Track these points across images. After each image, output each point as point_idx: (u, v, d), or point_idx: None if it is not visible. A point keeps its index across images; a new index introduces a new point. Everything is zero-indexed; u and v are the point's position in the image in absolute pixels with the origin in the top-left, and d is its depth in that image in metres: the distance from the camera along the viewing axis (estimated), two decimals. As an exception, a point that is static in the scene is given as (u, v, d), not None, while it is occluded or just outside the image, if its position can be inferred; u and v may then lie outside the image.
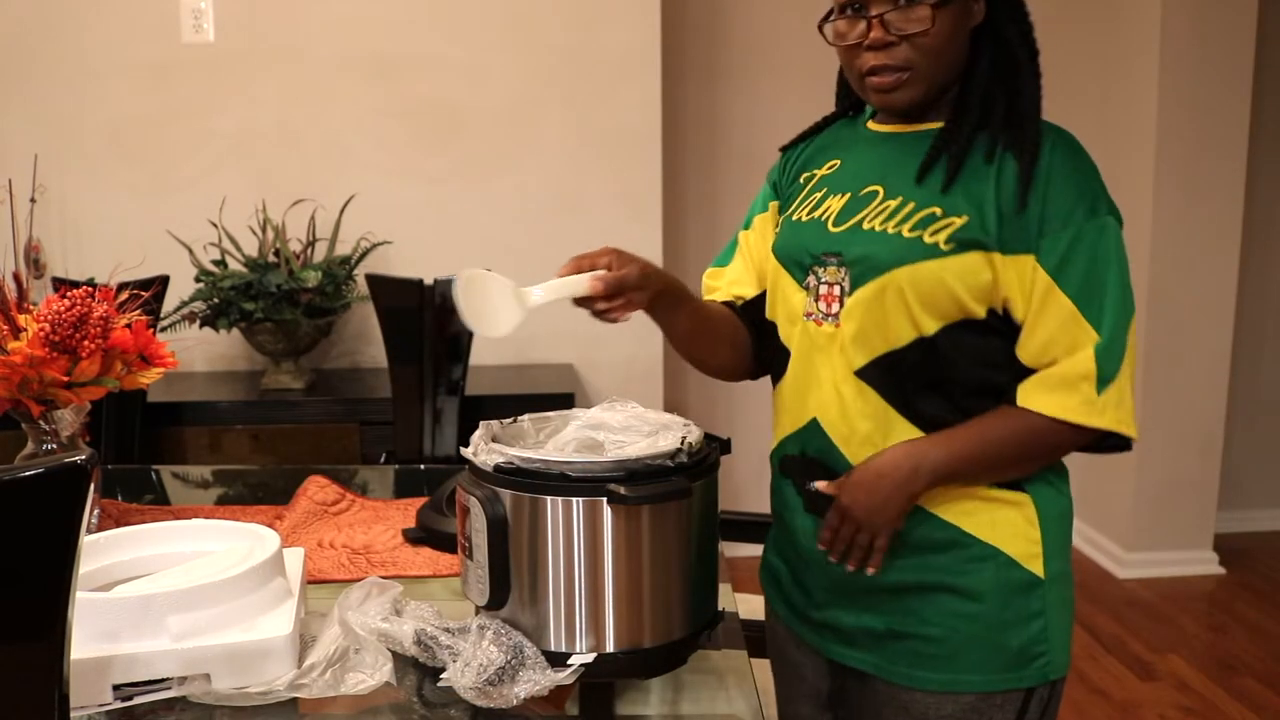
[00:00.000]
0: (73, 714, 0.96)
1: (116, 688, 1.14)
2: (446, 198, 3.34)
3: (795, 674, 1.45)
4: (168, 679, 1.16)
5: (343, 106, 3.29)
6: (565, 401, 2.92)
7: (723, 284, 1.48)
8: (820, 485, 1.30)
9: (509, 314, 1.21)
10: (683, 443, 1.18)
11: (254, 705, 1.16)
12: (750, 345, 1.45)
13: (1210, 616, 3.51)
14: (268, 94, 3.27)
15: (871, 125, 1.37)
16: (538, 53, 3.30)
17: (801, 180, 1.40)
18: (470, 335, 2.84)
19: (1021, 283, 1.21)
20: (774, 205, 1.45)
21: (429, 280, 2.82)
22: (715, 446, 1.25)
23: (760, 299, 1.43)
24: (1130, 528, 3.77)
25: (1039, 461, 1.28)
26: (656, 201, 3.35)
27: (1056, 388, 1.22)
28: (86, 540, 1.01)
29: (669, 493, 1.14)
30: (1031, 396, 1.23)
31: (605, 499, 1.13)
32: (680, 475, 1.16)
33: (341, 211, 3.19)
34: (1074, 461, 1.29)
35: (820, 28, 1.30)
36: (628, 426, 1.28)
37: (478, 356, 3.02)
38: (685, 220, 3.71)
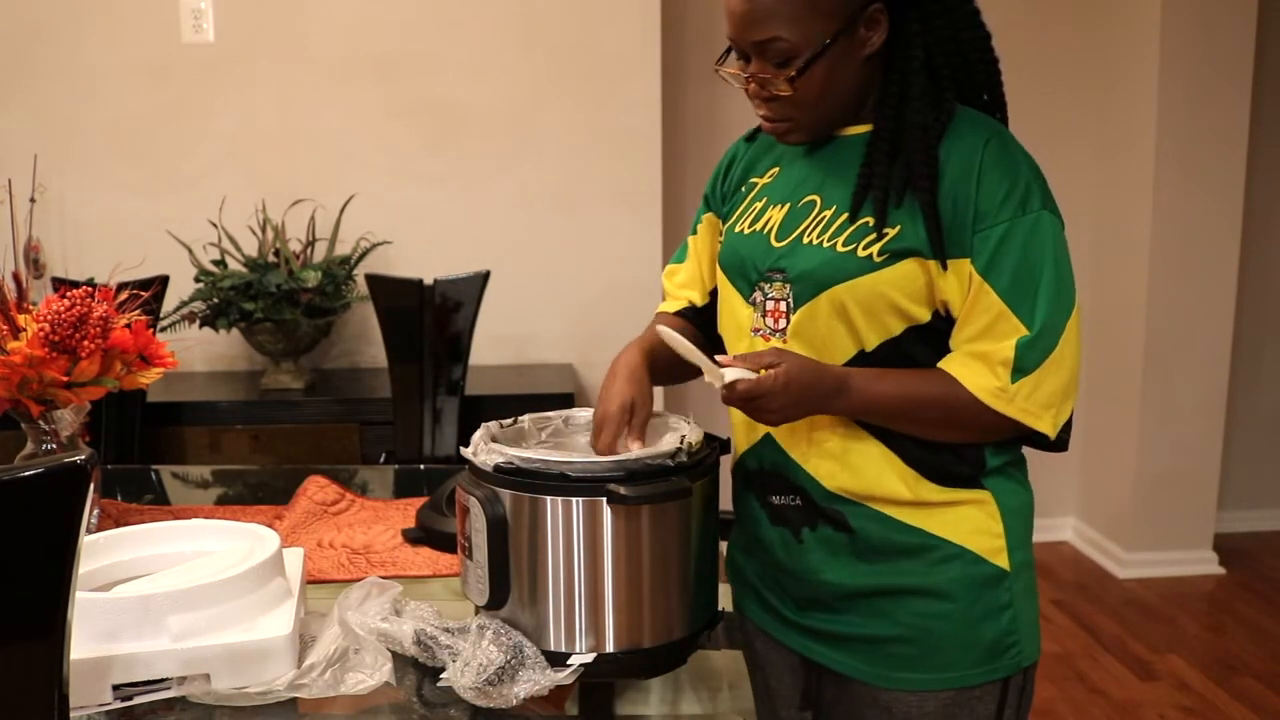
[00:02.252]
0: (73, 714, 0.96)
1: (116, 688, 1.14)
2: (446, 198, 3.34)
3: (769, 670, 1.44)
4: (167, 679, 1.16)
5: (343, 106, 3.29)
6: (565, 401, 2.92)
7: (674, 286, 1.50)
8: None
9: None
10: (682, 442, 1.18)
11: (254, 705, 1.16)
12: (708, 349, 1.45)
13: (1210, 616, 3.51)
14: (268, 94, 3.27)
15: None
16: (538, 53, 3.30)
17: (744, 189, 1.40)
18: (470, 335, 2.84)
19: (960, 285, 1.21)
20: (708, 218, 1.47)
21: (429, 280, 2.82)
22: (715, 446, 1.25)
23: (709, 307, 1.46)
24: (1130, 528, 3.77)
25: (964, 432, 1.25)
26: (656, 201, 3.35)
27: (975, 362, 1.21)
28: (86, 540, 1.01)
29: (669, 493, 1.14)
30: (952, 363, 1.23)
31: (605, 499, 1.13)
32: (680, 475, 1.16)
33: (341, 211, 3.19)
34: (1073, 460, 1.29)
35: (716, 68, 1.30)
36: (627, 426, 1.28)
37: (478, 356, 3.02)
38: (685, 220, 3.71)
